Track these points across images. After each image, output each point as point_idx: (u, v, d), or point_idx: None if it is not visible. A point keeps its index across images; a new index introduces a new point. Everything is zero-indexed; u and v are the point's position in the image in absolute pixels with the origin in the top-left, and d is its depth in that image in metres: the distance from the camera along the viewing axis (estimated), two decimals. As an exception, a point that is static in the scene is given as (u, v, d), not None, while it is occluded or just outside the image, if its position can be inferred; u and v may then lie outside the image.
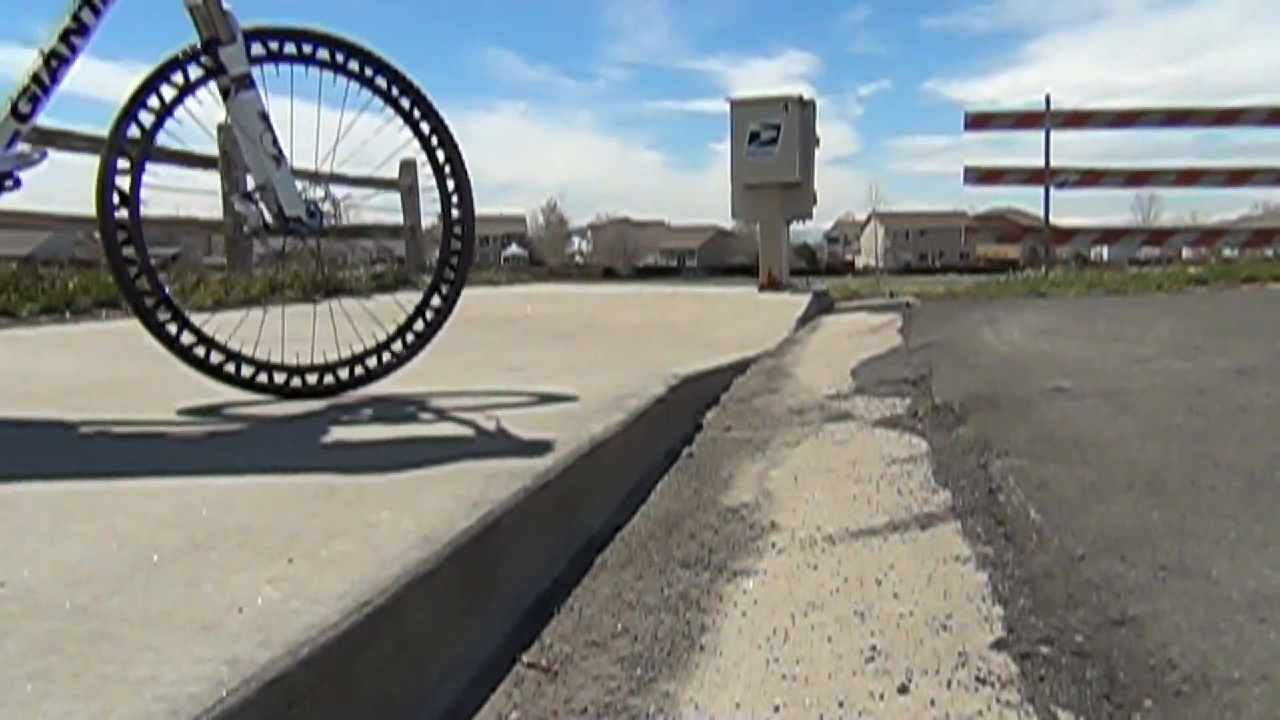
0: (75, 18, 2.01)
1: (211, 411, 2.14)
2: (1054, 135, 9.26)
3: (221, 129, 2.52)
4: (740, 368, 3.64)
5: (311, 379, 2.34)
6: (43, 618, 0.96)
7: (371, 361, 2.37)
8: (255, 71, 2.20)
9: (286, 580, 1.07)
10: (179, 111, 2.18)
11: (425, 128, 2.36)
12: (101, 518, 1.31)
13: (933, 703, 1.06)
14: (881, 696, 1.08)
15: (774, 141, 7.45)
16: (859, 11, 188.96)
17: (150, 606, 1.00)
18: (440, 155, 2.37)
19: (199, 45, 2.13)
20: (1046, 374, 2.96)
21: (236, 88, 2.13)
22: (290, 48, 2.25)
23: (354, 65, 2.29)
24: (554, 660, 1.23)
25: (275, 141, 2.18)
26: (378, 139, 2.33)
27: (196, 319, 2.26)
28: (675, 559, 1.60)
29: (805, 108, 7.64)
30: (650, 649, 1.26)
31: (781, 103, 7.56)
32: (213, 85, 2.18)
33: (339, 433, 1.91)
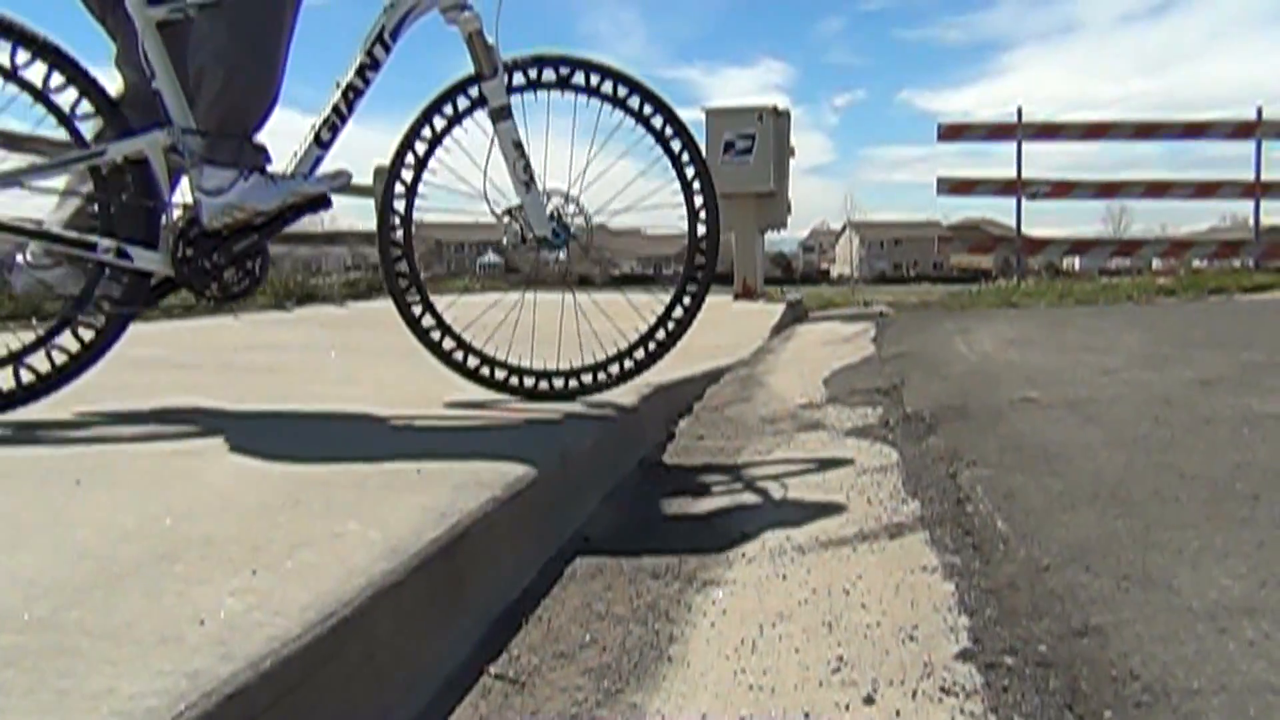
0: (369, 54, 2.21)
1: (181, 419, 2.12)
2: (1026, 147, 9.37)
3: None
4: (714, 376, 3.65)
5: (558, 383, 2.47)
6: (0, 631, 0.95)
7: (614, 368, 2.49)
8: (516, 98, 2.37)
9: (250, 592, 1.06)
10: (447, 139, 2.39)
11: (675, 146, 2.46)
12: (62, 529, 1.29)
13: (898, 713, 1.07)
14: (847, 707, 1.09)
15: (749, 151, 7.49)
16: (834, 22, 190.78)
17: (110, 619, 0.98)
18: (689, 172, 2.47)
19: (467, 79, 2.32)
20: (1016, 384, 2.98)
21: (495, 118, 2.31)
22: (549, 74, 2.41)
23: (608, 87, 2.42)
24: (521, 672, 1.23)
25: (527, 168, 2.35)
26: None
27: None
28: (645, 569, 1.60)
29: (780, 118, 7.69)
30: (618, 660, 1.26)
31: (756, 113, 7.61)
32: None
33: (305, 443, 1.89)
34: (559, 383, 2.45)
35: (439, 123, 2.37)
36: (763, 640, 1.29)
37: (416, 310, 2.38)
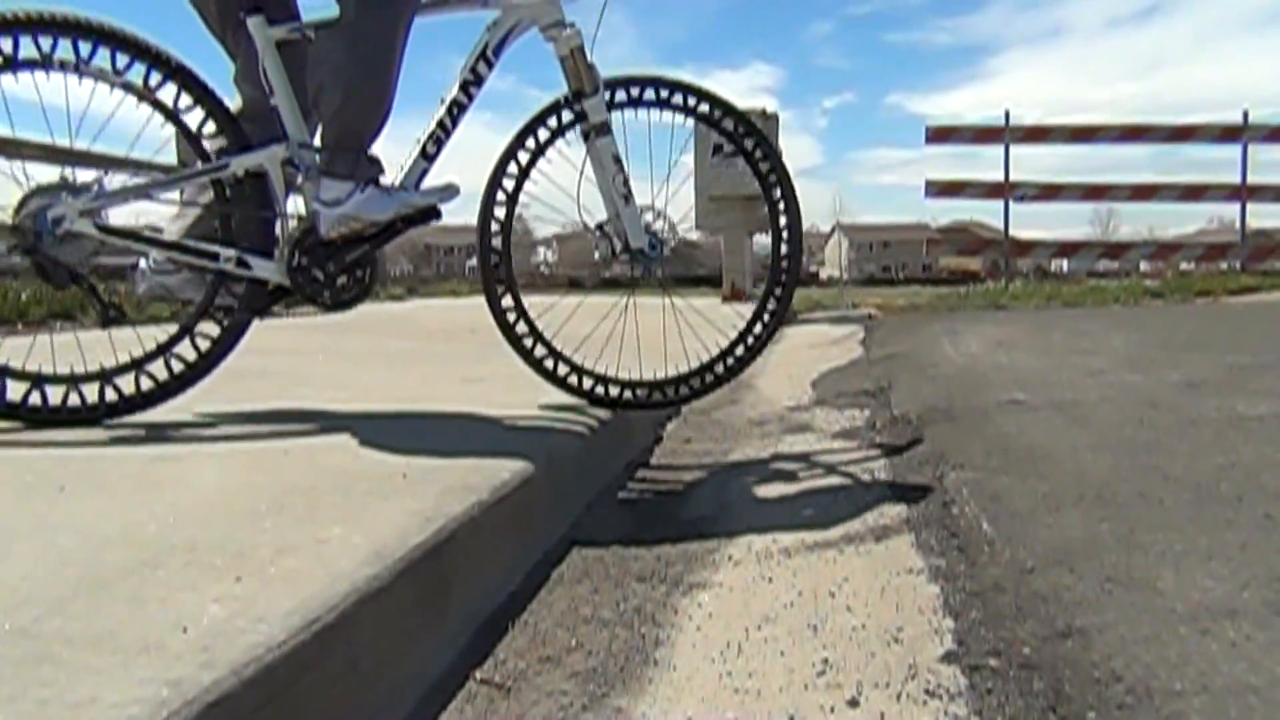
0: (473, 70, 2.30)
1: (155, 426, 2.11)
2: (1014, 150, 9.41)
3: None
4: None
5: (641, 393, 2.49)
6: (-20, 639, 0.94)
7: (695, 381, 2.51)
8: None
9: (233, 599, 1.05)
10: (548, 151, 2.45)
11: (764, 167, 2.52)
12: (45, 535, 1.29)
13: (882, 716, 1.07)
14: (832, 710, 1.09)
15: (737, 154, 7.49)
16: (824, 25, 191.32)
17: (92, 627, 0.98)
18: (776, 193, 2.52)
19: (568, 95, 2.37)
20: (1003, 386, 2.99)
21: (596, 134, 2.37)
22: (650, 94, 2.47)
23: (704, 109, 2.49)
24: (507, 676, 1.23)
25: (625, 182, 2.41)
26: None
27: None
28: (632, 572, 1.60)
29: (768, 120, 7.69)
30: (604, 664, 1.26)
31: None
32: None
33: (291, 447, 1.89)
34: (642, 393, 2.48)
35: (542, 134, 2.43)
36: (748, 643, 1.29)
37: (511, 317, 2.43)
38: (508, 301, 2.43)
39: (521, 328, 2.44)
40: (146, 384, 2.16)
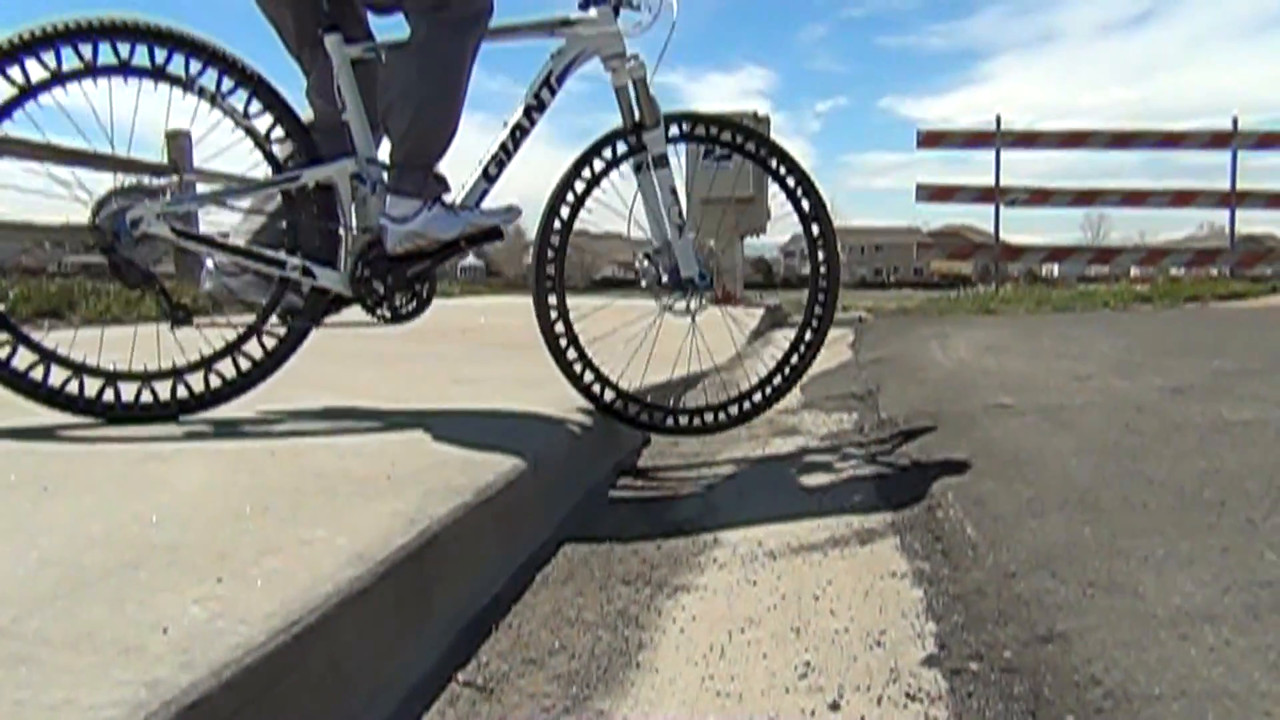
0: (536, 96, 2.35)
1: (144, 428, 2.11)
2: (1006, 154, 9.44)
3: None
4: (691, 382, 3.64)
5: (683, 420, 2.51)
6: (-42, 639, 0.94)
7: (734, 409, 2.53)
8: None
9: (214, 600, 1.05)
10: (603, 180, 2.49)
11: (805, 205, 2.58)
12: (26, 535, 1.28)
13: (863, 719, 1.07)
14: (812, 713, 1.09)
15: (729, 157, 7.50)
16: (817, 29, 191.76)
17: (71, 628, 0.98)
18: (815, 229, 2.59)
19: (627, 126, 2.42)
20: (990, 390, 3.00)
21: (655, 164, 2.43)
22: (701, 130, 2.55)
23: (750, 147, 2.57)
24: (490, 678, 1.23)
25: (681, 213, 2.49)
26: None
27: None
28: (616, 575, 1.60)
29: (759, 124, 7.71)
30: (587, 666, 1.26)
31: (737, 119, 7.61)
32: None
33: (277, 448, 1.88)
34: (684, 420, 2.51)
35: (598, 165, 2.46)
36: (731, 646, 1.29)
37: (563, 342, 2.44)
38: (559, 329, 2.45)
39: (572, 354, 2.45)
40: (215, 382, 2.21)
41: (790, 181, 2.58)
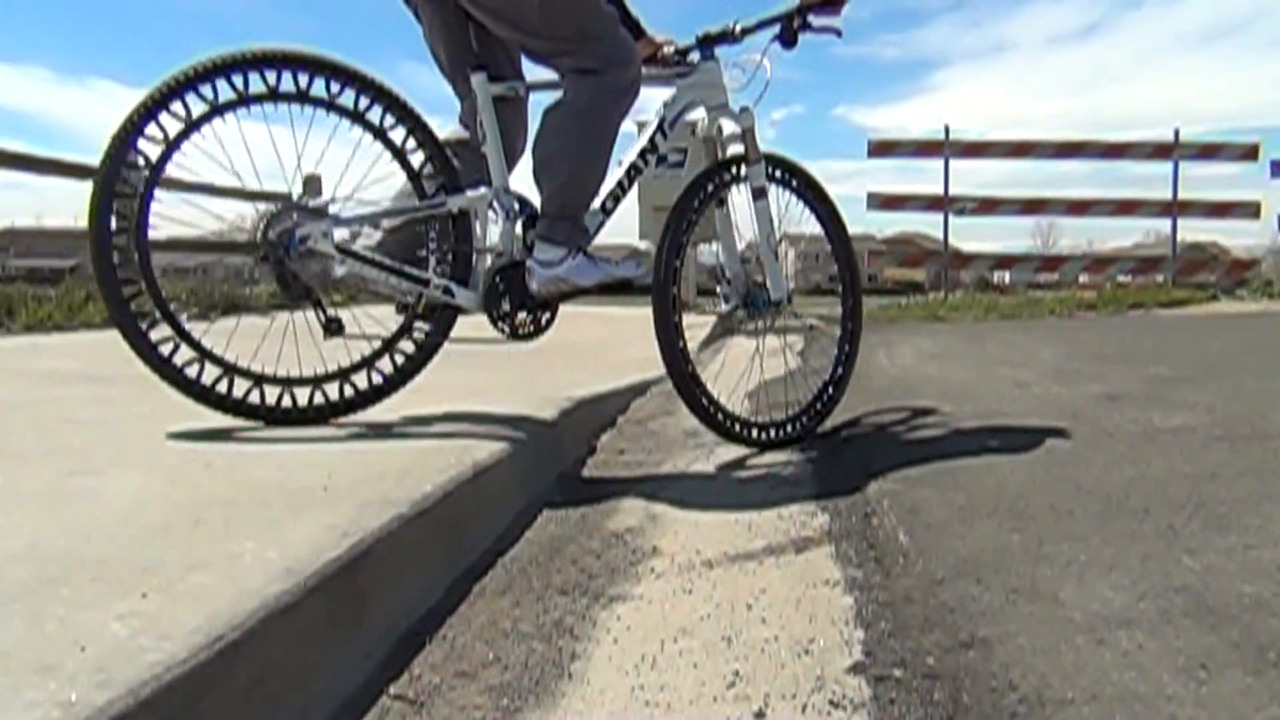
0: (651, 140, 2.61)
1: (84, 435, 2.07)
2: (956, 164, 9.61)
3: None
4: (640, 390, 3.66)
5: (765, 434, 2.61)
6: None
7: (819, 405, 2.73)
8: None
9: (137, 616, 1.04)
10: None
11: (840, 251, 2.89)
12: (-52, 551, 1.26)
13: (787, 727, 1.09)
14: (738, 722, 1.11)
15: (681, 165, 7.54)
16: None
17: (-13, 646, 0.96)
18: (843, 255, 2.91)
19: (731, 160, 2.69)
20: (931, 397, 3.05)
21: (755, 196, 2.68)
22: (777, 173, 2.76)
23: (796, 184, 2.80)
24: (421, 692, 1.23)
25: (776, 241, 2.74)
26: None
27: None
28: (554, 585, 1.60)
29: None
30: (519, 678, 1.26)
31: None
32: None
33: (214, 460, 1.86)
34: (761, 434, 2.60)
35: (701, 196, 2.63)
36: (663, 656, 1.31)
37: (686, 360, 2.60)
38: (681, 344, 2.60)
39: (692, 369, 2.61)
40: (364, 385, 2.37)
41: (826, 214, 2.85)
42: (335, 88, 2.28)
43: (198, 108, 2.15)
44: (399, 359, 2.41)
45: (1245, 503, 1.74)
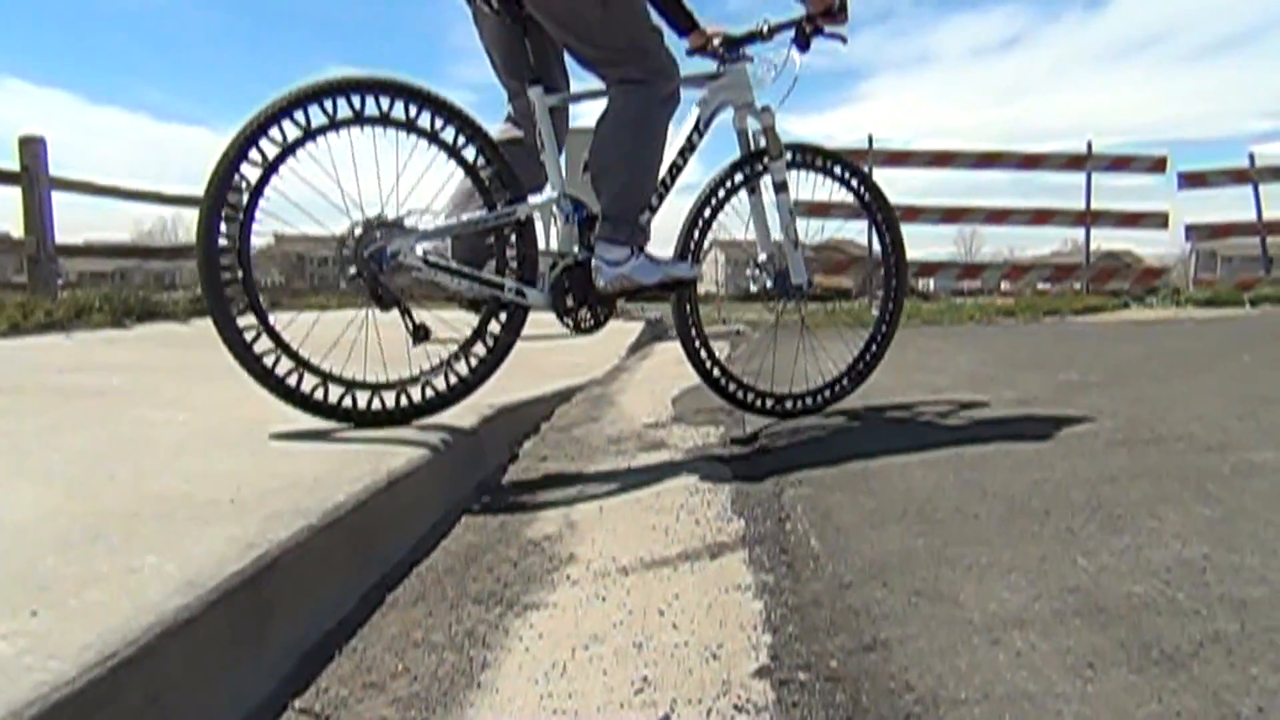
0: (689, 139, 2.79)
1: (-18, 447, 2.00)
2: (879, 172, 9.76)
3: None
4: (566, 396, 3.67)
5: (789, 404, 3.02)
6: None
7: (828, 392, 3.08)
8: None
9: (24, 635, 1.01)
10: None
11: (887, 237, 3.20)
12: None
13: (692, 732, 1.10)
14: (644, 728, 1.12)
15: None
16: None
17: None
18: (892, 260, 3.25)
19: (753, 155, 2.91)
20: (849, 403, 3.11)
21: (777, 190, 2.91)
22: (809, 158, 3.01)
23: (839, 171, 3.07)
24: (327, 705, 1.21)
25: (796, 230, 2.99)
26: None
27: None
28: (469, 594, 1.60)
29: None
30: (428, 688, 1.26)
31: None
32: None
33: (118, 471, 1.82)
34: (789, 404, 3.00)
35: (721, 193, 2.91)
36: (573, 663, 1.31)
37: (703, 354, 2.93)
38: (700, 340, 2.94)
39: (711, 368, 2.94)
40: (442, 387, 2.50)
41: (874, 206, 3.13)
42: (414, 110, 2.39)
43: (292, 132, 2.25)
44: (472, 362, 2.55)
45: (1140, 505, 1.80)
